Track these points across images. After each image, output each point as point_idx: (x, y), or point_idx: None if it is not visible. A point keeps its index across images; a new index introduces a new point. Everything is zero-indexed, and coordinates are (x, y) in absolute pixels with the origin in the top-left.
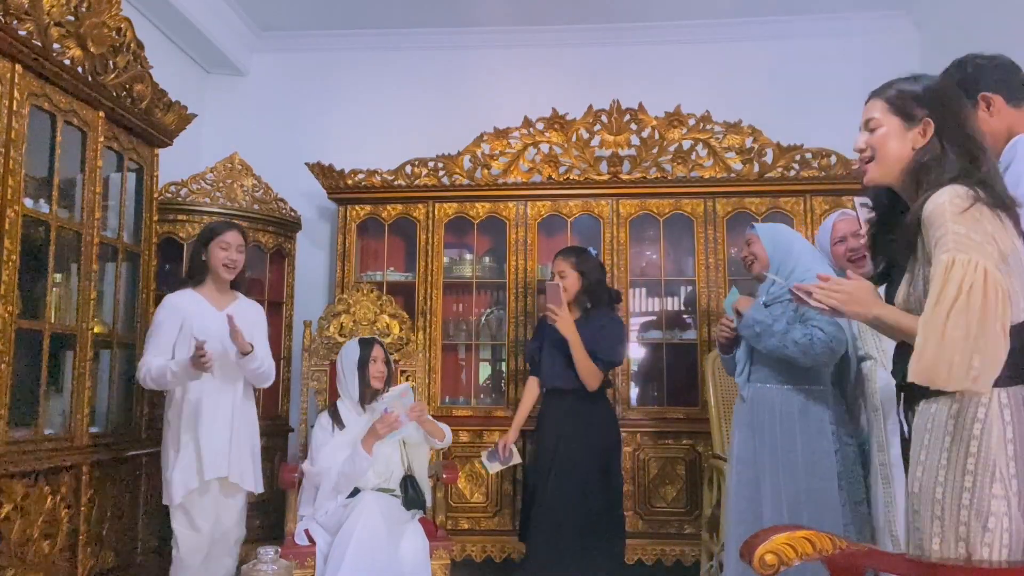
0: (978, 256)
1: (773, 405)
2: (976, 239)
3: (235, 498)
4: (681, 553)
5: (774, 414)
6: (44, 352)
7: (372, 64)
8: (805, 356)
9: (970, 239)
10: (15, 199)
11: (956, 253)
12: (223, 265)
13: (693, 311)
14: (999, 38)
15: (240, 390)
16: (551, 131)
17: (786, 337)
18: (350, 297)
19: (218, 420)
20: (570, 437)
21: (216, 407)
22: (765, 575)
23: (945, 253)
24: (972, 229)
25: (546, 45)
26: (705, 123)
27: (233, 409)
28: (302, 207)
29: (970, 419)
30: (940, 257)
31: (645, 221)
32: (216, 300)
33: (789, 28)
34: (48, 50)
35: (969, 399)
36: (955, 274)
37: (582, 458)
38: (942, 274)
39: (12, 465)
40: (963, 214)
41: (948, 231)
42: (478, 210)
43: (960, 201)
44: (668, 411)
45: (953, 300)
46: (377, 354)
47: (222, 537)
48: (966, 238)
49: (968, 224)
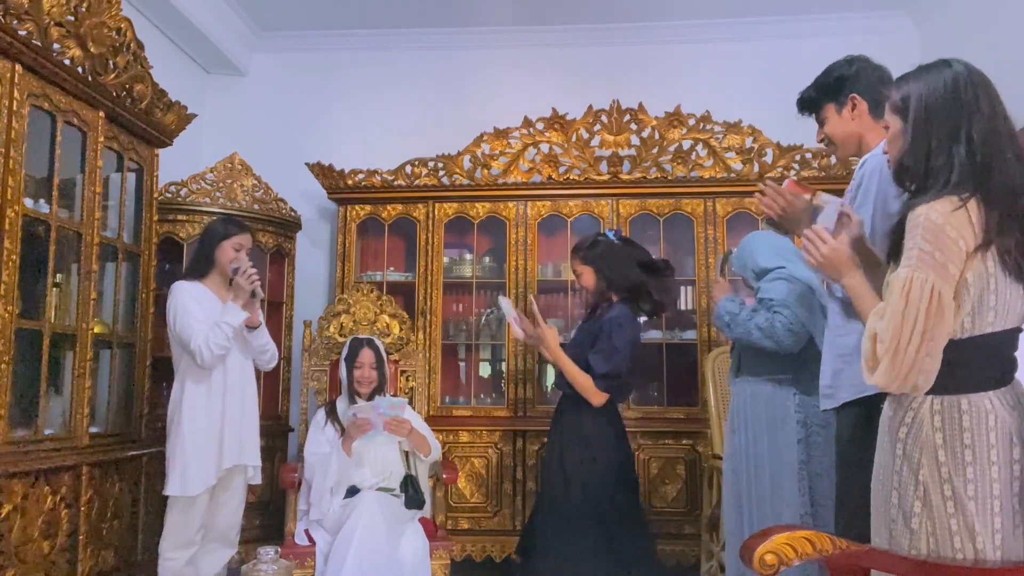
0: (935, 277)
1: (745, 398)
2: (939, 259)
3: (238, 486)
4: (681, 553)
5: (746, 407)
6: (44, 352)
7: (372, 64)
8: (769, 340)
9: (932, 258)
10: (15, 199)
11: (915, 271)
12: (229, 263)
13: (693, 311)
14: (999, 38)
15: (250, 379)
16: (551, 131)
17: (749, 323)
18: (350, 297)
19: (234, 407)
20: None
21: (232, 396)
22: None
23: (906, 268)
24: (937, 247)
25: (546, 45)
26: (705, 123)
27: (244, 396)
28: (302, 207)
29: (898, 422)
30: (900, 271)
31: (645, 221)
32: (221, 295)
33: (789, 28)
34: (48, 50)
35: (900, 403)
36: (913, 293)
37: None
38: (899, 289)
39: (12, 465)
40: (935, 231)
41: (915, 245)
42: (478, 210)
43: (936, 216)
44: (668, 411)
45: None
46: (365, 359)
47: (224, 527)
48: (930, 256)
49: (935, 242)
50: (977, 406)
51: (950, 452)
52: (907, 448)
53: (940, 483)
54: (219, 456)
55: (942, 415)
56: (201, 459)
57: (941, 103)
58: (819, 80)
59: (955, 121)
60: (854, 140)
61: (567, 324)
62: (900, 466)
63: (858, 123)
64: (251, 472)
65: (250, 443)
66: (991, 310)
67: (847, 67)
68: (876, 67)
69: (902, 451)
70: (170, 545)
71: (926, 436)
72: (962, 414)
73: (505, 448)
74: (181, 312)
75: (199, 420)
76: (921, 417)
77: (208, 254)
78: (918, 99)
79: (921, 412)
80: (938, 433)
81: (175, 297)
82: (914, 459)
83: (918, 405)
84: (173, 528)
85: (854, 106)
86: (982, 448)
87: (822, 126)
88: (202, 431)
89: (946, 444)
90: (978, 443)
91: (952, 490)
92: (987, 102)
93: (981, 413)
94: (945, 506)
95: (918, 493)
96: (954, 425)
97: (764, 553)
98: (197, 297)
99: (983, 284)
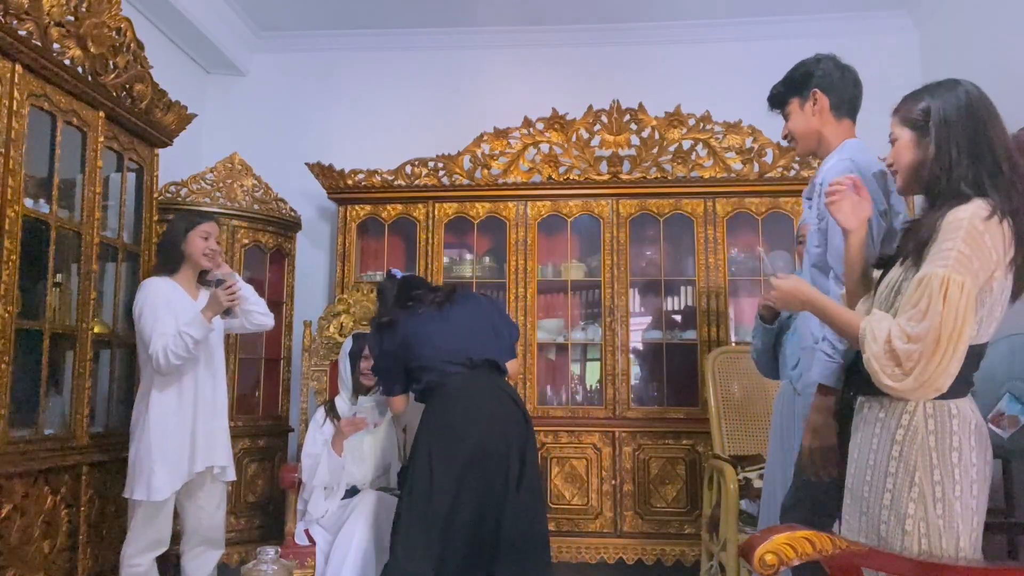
0: (971, 281)
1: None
2: (975, 266)
3: (215, 487)
4: (681, 553)
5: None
6: (44, 352)
7: (372, 64)
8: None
9: (970, 262)
10: (15, 199)
11: (954, 272)
12: (203, 254)
13: (693, 311)
14: (999, 38)
15: (221, 376)
16: (551, 131)
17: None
18: (350, 297)
19: (206, 408)
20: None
21: (201, 394)
22: (765, 575)
23: (943, 268)
24: (976, 253)
25: (546, 45)
26: (705, 123)
27: (215, 395)
28: (302, 207)
29: (895, 424)
30: (936, 270)
31: (645, 221)
32: (191, 290)
33: (789, 28)
34: (48, 50)
35: (893, 405)
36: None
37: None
38: (937, 289)
39: (12, 465)
40: (976, 236)
41: (955, 247)
42: (478, 210)
43: (979, 223)
44: (668, 411)
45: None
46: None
47: (207, 529)
48: (968, 260)
49: (974, 247)
50: (963, 411)
51: (940, 455)
52: (904, 450)
53: (932, 485)
54: (191, 459)
55: (935, 419)
56: (169, 464)
57: (959, 117)
58: (787, 75)
59: (973, 134)
60: (814, 136)
61: (567, 324)
62: (896, 468)
63: (818, 119)
64: (217, 471)
65: (220, 443)
66: (995, 321)
67: (814, 64)
68: (843, 66)
69: (899, 452)
70: (135, 551)
71: (922, 439)
72: (952, 418)
73: None
74: (147, 311)
75: (168, 422)
76: (917, 420)
77: (176, 247)
78: (938, 112)
79: (916, 415)
80: (931, 436)
81: (143, 293)
82: (910, 461)
83: (913, 408)
84: (137, 534)
85: (815, 101)
86: (966, 451)
87: (787, 121)
88: (171, 434)
89: (937, 446)
90: (964, 446)
91: (942, 491)
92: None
93: (966, 417)
94: (935, 507)
95: (912, 495)
96: (945, 429)
97: (764, 553)
98: (167, 295)
99: (1002, 297)
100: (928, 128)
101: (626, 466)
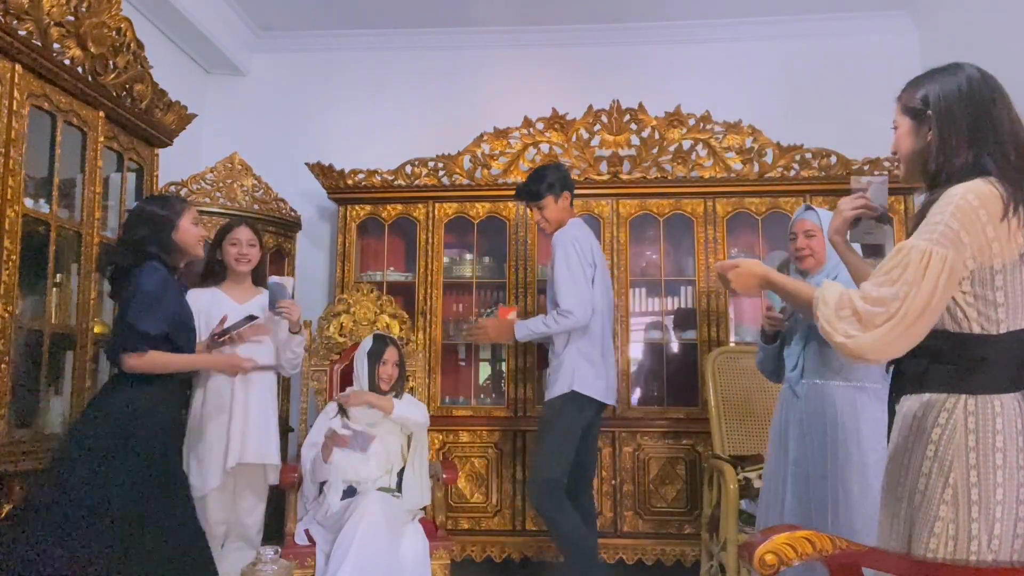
0: (953, 254)
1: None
2: (964, 239)
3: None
4: (681, 553)
5: (829, 413)
6: (44, 352)
7: (372, 64)
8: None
9: (958, 237)
10: (15, 199)
11: (937, 246)
12: (235, 260)
13: (693, 311)
14: (999, 38)
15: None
16: (551, 131)
17: None
18: (350, 297)
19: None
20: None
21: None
22: (765, 575)
23: (926, 240)
24: (965, 228)
25: (546, 45)
26: (705, 123)
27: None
28: (302, 207)
29: (931, 423)
30: (918, 242)
31: (645, 221)
32: (237, 295)
33: (789, 28)
34: (48, 50)
35: (934, 402)
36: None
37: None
38: (917, 260)
39: (12, 465)
40: (968, 211)
41: (943, 221)
42: (478, 210)
43: (972, 199)
44: (668, 411)
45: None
46: (389, 356)
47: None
48: (955, 235)
49: (963, 221)
50: (1008, 408)
51: (982, 455)
52: (940, 449)
53: (968, 487)
54: (224, 455)
55: (976, 416)
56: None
57: (960, 103)
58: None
59: (974, 120)
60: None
61: None
62: (929, 468)
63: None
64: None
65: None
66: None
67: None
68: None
69: (933, 452)
70: None
71: (960, 438)
72: (995, 416)
73: (505, 448)
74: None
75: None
76: (956, 418)
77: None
78: (937, 98)
79: (956, 412)
80: (971, 435)
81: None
82: (946, 461)
83: (952, 404)
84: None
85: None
86: (1012, 451)
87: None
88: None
89: (978, 446)
90: (1009, 446)
91: (979, 494)
92: (1002, 103)
93: (1012, 415)
94: (970, 510)
95: (945, 496)
96: (987, 427)
97: (764, 553)
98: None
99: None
100: (927, 115)
101: (626, 466)
